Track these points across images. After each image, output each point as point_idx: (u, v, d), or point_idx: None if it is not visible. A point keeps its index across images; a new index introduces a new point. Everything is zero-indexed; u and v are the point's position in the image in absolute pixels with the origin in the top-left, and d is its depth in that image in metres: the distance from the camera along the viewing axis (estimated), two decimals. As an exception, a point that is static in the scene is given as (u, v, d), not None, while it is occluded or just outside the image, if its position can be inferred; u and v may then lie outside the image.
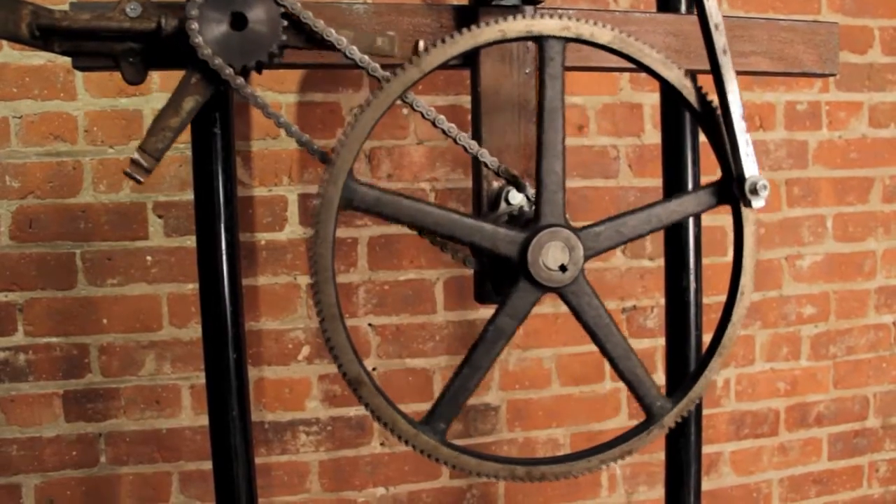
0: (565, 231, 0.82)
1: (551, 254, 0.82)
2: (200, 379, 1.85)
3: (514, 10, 1.00)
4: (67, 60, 0.95)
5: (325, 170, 0.78)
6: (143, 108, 1.80)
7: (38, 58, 1.73)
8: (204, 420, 1.86)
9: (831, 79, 2.21)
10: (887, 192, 2.28)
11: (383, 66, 0.89)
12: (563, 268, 0.82)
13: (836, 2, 2.18)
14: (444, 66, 0.81)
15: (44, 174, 1.77)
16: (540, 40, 0.82)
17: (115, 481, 1.84)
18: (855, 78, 2.22)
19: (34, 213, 1.77)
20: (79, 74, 1.76)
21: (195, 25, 0.83)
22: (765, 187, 0.86)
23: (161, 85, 1.80)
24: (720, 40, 0.89)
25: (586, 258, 0.83)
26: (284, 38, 0.88)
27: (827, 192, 2.23)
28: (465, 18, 1.02)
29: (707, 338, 1.00)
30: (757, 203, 0.86)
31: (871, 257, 2.29)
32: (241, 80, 0.86)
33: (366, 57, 0.88)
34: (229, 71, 0.85)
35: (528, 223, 0.85)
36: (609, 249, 0.87)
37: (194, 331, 1.83)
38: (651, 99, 2.07)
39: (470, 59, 1.02)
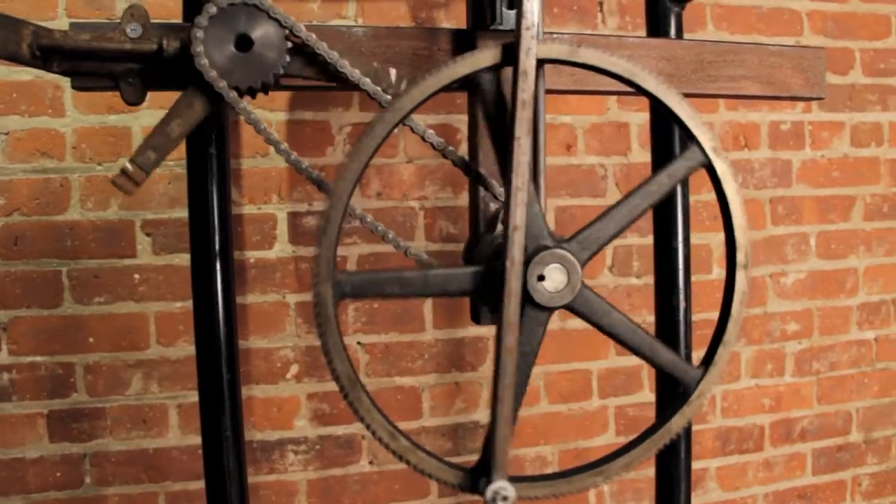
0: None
1: (549, 276, 0.82)
2: (188, 398, 1.83)
3: (511, 35, 1.02)
4: (56, 76, 0.95)
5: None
6: (132, 126, 1.79)
7: (26, 73, 1.72)
8: (191, 440, 1.84)
9: (814, 99, 2.25)
10: (868, 210, 2.32)
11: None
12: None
13: (819, 24, 2.23)
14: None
15: (30, 191, 1.75)
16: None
17: (101, 502, 1.81)
18: (837, 99, 2.26)
19: (20, 231, 1.75)
20: (67, 91, 1.74)
21: (200, 48, 0.83)
22: None
23: (150, 102, 1.79)
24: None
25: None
26: (289, 60, 0.88)
27: (810, 211, 2.27)
28: (462, 43, 1.03)
29: (696, 355, 1.00)
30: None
31: (853, 274, 2.32)
32: (244, 104, 0.86)
33: (367, 80, 0.88)
34: (233, 94, 0.85)
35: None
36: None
37: (182, 350, 1.81)
38: (638, 118, 2.09)
39: (469, 82, 1.02)
